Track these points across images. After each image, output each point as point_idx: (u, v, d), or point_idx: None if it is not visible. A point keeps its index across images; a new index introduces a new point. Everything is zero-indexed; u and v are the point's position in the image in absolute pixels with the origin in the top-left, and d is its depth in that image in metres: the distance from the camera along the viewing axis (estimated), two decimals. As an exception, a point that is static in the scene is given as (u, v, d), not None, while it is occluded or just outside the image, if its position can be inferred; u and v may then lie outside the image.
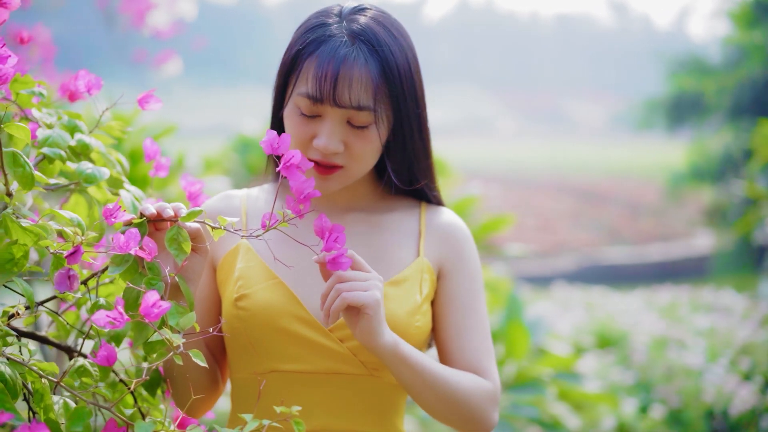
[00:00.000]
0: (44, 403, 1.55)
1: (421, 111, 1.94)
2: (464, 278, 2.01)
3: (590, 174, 29.66)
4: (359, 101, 1.83)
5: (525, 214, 21.95)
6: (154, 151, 2.01)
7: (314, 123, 1.87)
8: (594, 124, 61.58)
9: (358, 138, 1.87)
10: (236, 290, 1.93)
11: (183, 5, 7.27)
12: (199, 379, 1.95)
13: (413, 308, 1.94)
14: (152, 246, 1.61)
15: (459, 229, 2.06)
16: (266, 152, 1.63)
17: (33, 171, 1.65)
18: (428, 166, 2.02)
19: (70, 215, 1.66)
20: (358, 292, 1.72)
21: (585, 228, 21.35)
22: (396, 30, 1.91)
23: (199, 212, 1.70)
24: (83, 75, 1.91)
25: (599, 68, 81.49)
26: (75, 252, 1.54)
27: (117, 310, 1.45)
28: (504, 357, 4.61)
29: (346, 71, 1.82)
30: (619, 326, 8.06)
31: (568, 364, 4.78)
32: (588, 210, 23.31)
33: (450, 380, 1.87)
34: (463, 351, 1.97)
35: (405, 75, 1.88)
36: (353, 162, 1.89)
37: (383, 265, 1.97)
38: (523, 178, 28.27)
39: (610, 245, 19.53)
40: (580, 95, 71.21)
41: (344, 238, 1.68)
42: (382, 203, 2.06)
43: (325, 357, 1.91)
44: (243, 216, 2.02)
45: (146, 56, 6.62)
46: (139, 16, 6.43)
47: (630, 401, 6.23)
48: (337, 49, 1.84)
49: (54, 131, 1.84)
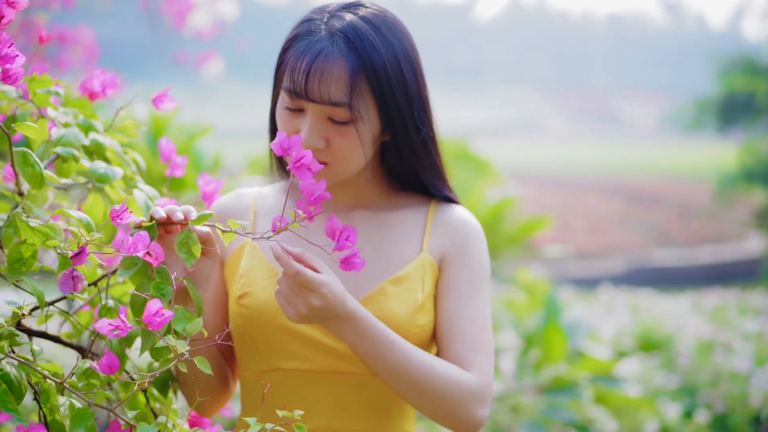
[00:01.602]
0: (50, 403, 1.54)
1: (415, 108, 1.90)
2: (465, 269, 1.96)
3: (640, 175, 29.38)
4: (330, 96, 1.82)
5: (573, 215, 21.81)
6: (169, 151, 2.00)
7: (298, 118, 1.87)
8: (645, 125, 61.06)
9: (338, 135, 1.85)
10: (239, 288, 1.93)
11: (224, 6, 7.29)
12: (208, 379, 1.94)
13: (414, 307, 1.91)
14: (159, 251, 1.59)
15: (467, 224, 2.01)
16: (276, 153, 1.61)
17: (43, 170, 1.65)
18: (433, 164, 1.98)
19: (80, 215, 1.65)
20: (284, 303, 1.71)
21: (634, 230, 21.15)
22: (386, 27, 1.88)
23: (208, 216, 1.68)
24: (98, 74, 1.91)
25: (651, 68, 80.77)
26: (80, 253, 1.53)
27: (119, 318, 1.43)
28: (540, 360, 4.57)
29: (317, 65, 1.81)
30: (665, 330, 7.96)
31: (606, 367, 4.72)
32: (637, 211, 23.08)
33: (423, 367, 1.80)
34: (452, 342, 1.90)
35: (391, 71, 1.85)
36: (336, 159, 1.86)
37: (384, 263, 1.94)
38: (572, 179, 28.08)
39: (660, 247, 19.33)
40: (631, 95, 70.63)
41: (356, 238, 1.65)
42: (390, 201, 2.03)
43: (327, 355, 1.89)
44: (252, 215, 2.02)
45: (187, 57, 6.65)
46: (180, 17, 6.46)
47: (673, 406, 6.14)
48: (313, 44, 1.83)
49: (68, 130, 1.83)
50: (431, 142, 1.97)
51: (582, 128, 58.72)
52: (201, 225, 1.70)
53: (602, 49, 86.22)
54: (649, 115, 63.70)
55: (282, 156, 1.62)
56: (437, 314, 1.94)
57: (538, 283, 5.06)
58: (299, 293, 1.69)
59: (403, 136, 1.91)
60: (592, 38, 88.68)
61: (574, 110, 66.70)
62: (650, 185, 26.94)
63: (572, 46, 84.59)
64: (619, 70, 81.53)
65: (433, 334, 1.95)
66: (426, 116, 1.94)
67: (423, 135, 1.93)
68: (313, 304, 1.69)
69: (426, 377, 1.81)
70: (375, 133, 1.89)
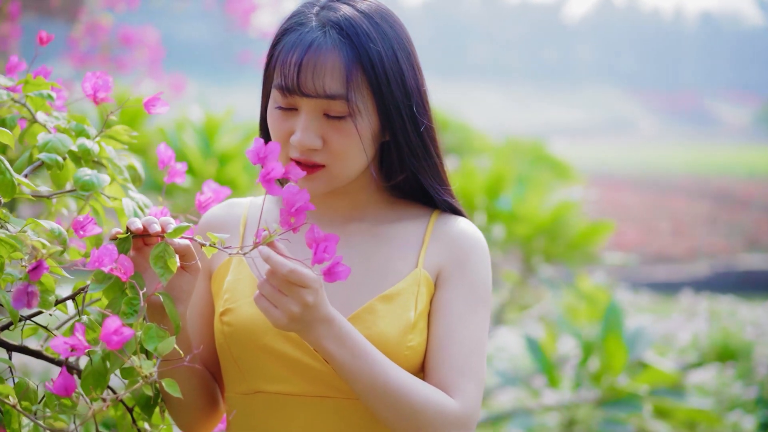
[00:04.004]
0: (11, 427, 1.46)
1: (414, 103, 1.78)
2: (462, 287, 1.81)
3: (730, 177, 28.73)
4: (325, 88, 1.70)
5: (658, 217, 21.40)
6: (168, 157, 1.91)
7: (292, 118, 1.75)
8: (737, 125, 59.87)
9: (335, 131, 1.73)
10: (222, 304, 1.82)
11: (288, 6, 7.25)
12: (194, 399, 1.85)
13: (406, 326, 1.77)
14: (127, 264, 1.50)
15: (468, 237, 1.86)
16: (252, 162, 1.51)
17: (14, 178, 1.57)
18: (433, 166, 1.85)
19: (51, 225, 1.57)
20: (269, 306, 1.59)
21: (721, 233, 20.64)
22: (381, 17, 1.78)
23: (185, 228, 1.59)
24: (89, 77, 1.83)
25: (745, 67, 79.17)
26: (37, 267, 1.44)
27: (75, 336, 1.35)
28: (600, 370, 4.41)
29: (309, 57, 1.71)
30: (744, 338, 7.69)
31: (671, 379, 4.54)
32: (725, 214, 22.53)
33: (403, 386, 1.68)
34: (439, 365, 1.77)
35: (388, 63, 1.74)
36: (334, 160, 1.75)
37: (375, 280, 1.81)
38: (659, 181, 27.58)
39: (747, 252, 18.82)
40: (723, 95, 69.36)
41: (334, 247, 1.54)
42: (390, 212, 1.90)
43: (310, 378, 1.77)
44: (241, 227, 1.91)
45: (252, 57, 6.62)
46: (245, 18, 6.45)
47: (749, 418, 5.92)
48: (304, 36, 1.73)
49: (54, 136, 1.76)
50: (431, 141, 1.84)
51: (672, 128, 57.83)
52: (179, 238, 1.60)
53: (694, 47, 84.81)
54: (742, 115, 62.48)
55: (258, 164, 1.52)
56: (428, 333, 1.81)
57: (598, 292, 4.88)
58: (289, 292, 1.58)
59: (402, 133, 1.78)
60: (684, 37, 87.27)
61: (665, 110, 65.74)
62: (740, 187, 26.31)
63: (664, 45, 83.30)
64: (712, 69, 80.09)
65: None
66: (425, 112, 1.82)
67: (422, 131, 1.80)
68: (307, 300, 1.58)
69: (405, 397, 1.69)
70: (374, 130, 1.77)
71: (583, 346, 4.60)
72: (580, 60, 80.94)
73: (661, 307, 9.68)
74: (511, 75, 73.11)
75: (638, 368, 4.64)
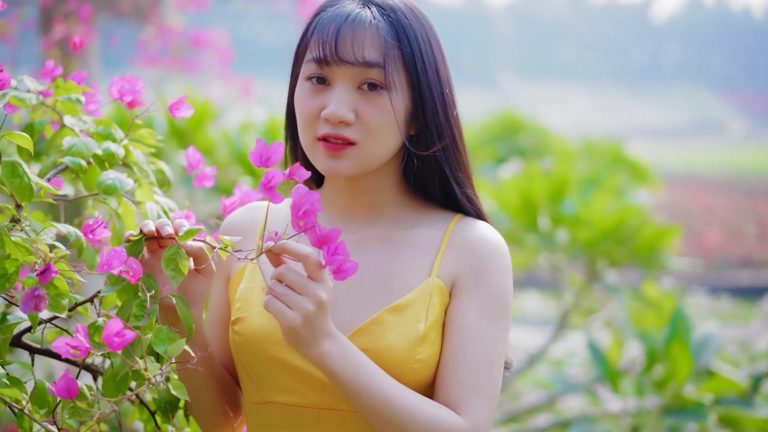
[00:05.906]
0: (22, 427, 1.47)
1: (444, 89, 1.77)
2: (478, 297, 1.74)
3: (821, 180, 27.97)
4: (363, 55, 1.69)
5: (745, 221, 20.92)
6: (196, 161, 1.91)
7: (323, 94, 1.73)
8: (831, 127, 58.32)
9: (369, 104, 1.70)
10: (234, 312, 1.80)
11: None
12: (212, 403, 1.83)
13: (415, 338, 1.71)
14: (136, 267, 1.50)
15: (487, 244, 1.79)
16: (254, 164, 1.49)
17: (33, 182, 1.58)
18: (457, 155, 1.80)
19: (68, 228, 1.58)
20: (282, 307, 1.55)
21: (810, 237, 20.09)
22: (417, 12, 1.78)
23: (197, 231, 1.58)
24: (116, 81, 1.83)
25: (840, 67, 77.12)
26: (45, 270, 1.45)
27: (77, 338, 1.35)
28: (664, 378, 4.31)
29: (348, 26, 1.70)
30: (827, 346, 7.46)
31: (738, 387, 4.41)
32: (815, 218, 21.95)
33: (407, 405, 1.63)
34: (449, 381, 1.71)
35: (424, 46, 1.74)
36: (367, 136, 1.71)
37: (386, 289, 1.76)
38: (747, 184, 26.98)
39: (837, 256, 18.30)
40: (817, 96, 67.63)
41: (344, 246, 1.52)
42: (408, 215, 1.84)
43: (319, 390, 1.73)
44: (260, 231, 1.88)
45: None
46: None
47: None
48: (342, 10, 1.73)
49: (79, 140, 1.78)
50: (458, 130, 1.81)
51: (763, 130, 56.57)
52: (191, 240, 1.60)
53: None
54: (836, 116, 60.89)
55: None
56: (441, 345, 1.75)
57: (664, 298, 4.77)
58: (304, 289, 1.55)
59: (432, 115, 1.75)
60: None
61: (755, 111, 64.40)
62: (831, 190, 25.60)
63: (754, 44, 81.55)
64: (805, 69, 78.12)
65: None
66: (454, 104, 1.80)
67: (452, 117, 1.78)
68: (321, 297, 1.55)
69: (409, 417, 1.64)
70: (407, 110, 1.74)
71: (648, 353, 4.51)
72: (668, 60, 79.72)
73: (742, 313, 9.44)
74: (598, 76, 72.33)
75: (704, 376, 4.53)
